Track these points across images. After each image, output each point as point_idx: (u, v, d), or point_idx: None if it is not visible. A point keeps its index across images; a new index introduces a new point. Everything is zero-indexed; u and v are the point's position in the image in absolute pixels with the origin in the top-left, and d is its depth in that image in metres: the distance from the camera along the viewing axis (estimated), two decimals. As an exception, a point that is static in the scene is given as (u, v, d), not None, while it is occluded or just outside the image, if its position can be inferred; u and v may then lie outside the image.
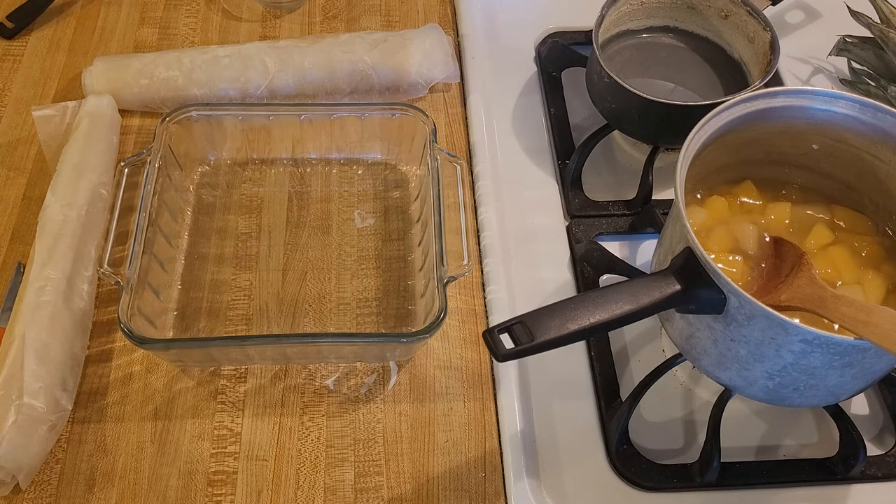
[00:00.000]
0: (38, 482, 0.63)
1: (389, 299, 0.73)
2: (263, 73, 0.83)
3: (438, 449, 0.66)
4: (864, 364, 0.56)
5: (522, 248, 0.76)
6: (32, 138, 0.82)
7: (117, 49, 0.90)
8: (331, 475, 0.65)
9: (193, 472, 0.64)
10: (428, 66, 0.86)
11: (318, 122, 0.78)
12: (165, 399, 0.68)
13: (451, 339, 0.71)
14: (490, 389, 0.69)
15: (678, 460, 0.65)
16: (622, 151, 0.85)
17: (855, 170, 0.66)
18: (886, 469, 0.65)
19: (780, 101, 0.64)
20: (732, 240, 0.64)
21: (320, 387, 0.69)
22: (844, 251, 0.64)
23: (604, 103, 0.79)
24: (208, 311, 0.72)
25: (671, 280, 0.56)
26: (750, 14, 0.79)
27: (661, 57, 0.84)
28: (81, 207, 0.72)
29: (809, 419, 0.68)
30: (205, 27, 0.93)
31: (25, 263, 0.71)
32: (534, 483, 0.64)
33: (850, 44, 0.86)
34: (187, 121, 0.76)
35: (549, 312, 0.54)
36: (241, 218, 0.77)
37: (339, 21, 0.94)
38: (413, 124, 0.77)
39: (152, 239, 0.70)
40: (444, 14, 0.95)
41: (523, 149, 0.83)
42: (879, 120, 0.63)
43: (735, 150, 0.66)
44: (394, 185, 0.80)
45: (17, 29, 0.91)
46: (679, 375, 0.70)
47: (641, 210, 0.77)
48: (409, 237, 0.77)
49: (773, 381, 0.58)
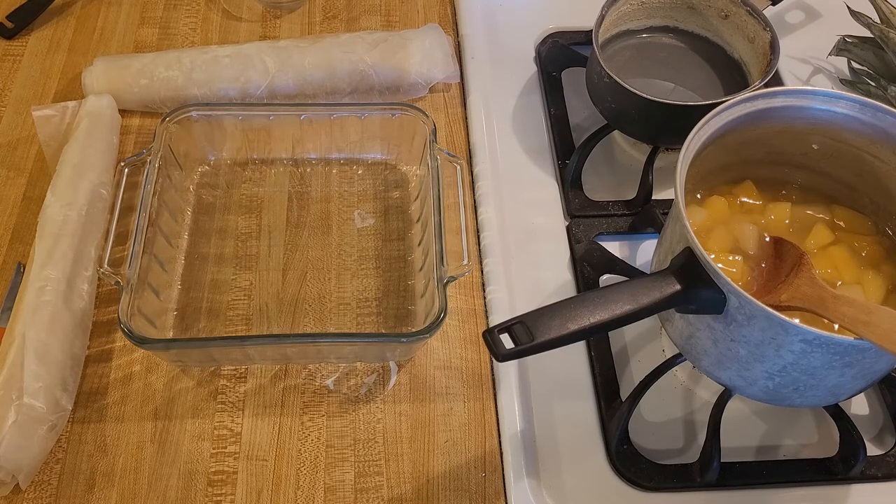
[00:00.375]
0: (38, 482, 0.63)
1: (389, 299, 0.73)
2: (263, 73, 0.83)
3: (438, 449, 0.66)
4: (864, 364, 0.56)
5: (522, 248, 0.76)
6: (32, 138, 0.82)
7: (117, 49, 0.90)
8: (331, 475, 0.65)
9: (193, 472, 0.64)
10: (428, 66, 0.86)
11: (318, 122, 0.78)
12: (165, 399, 0.68)
13: (451, 339, 0.71)
14: (490, 389, 0.69)
15: (678, 460, 0.65)
16: (622, 151, 0.85)
17: (855, 170, 0.66)
18: (886, 469, 0.65)
19: (780, 101, 0.64)
20: (732, 240, 0.64)
21: (320, 387, 0.69)
22: (844, 251, 0.64)
23: (604, 103, 0.79)
24: (208, 311, 0.72)
25: (671, 280, 0.56)
26: (750, 14, 0.79)
27: (661, 57, 0.84)
28: (81, 207, 0.72)
29: (809, 419, 0.68)
30: (205, 27, 0.93)
31: (25, 263, 0.71)
32: (534, 483, 0.64)
33: (850, 44, 0.86)
34: (187, 121, 0.76)
35: (549, 312, 0.54)
36: (241, 218, 0.77)
37: (339, 21, 0.94)
38: (413, 124, 0.77)
39: (152, 239, 0.70)
40: (444, 14, 0.95)
41: (523, 149, 0.83)
42: (879, 120, 0.63)
43: (735, 150, 0.66)
44: (394, 185, 0.80)
45: (17, 29, 0.91)
46: (679, 375, 0.70)
47: (641, 210, 0.77)
48: (409, 237, 0.77)
49: (773, 381, 0.58)
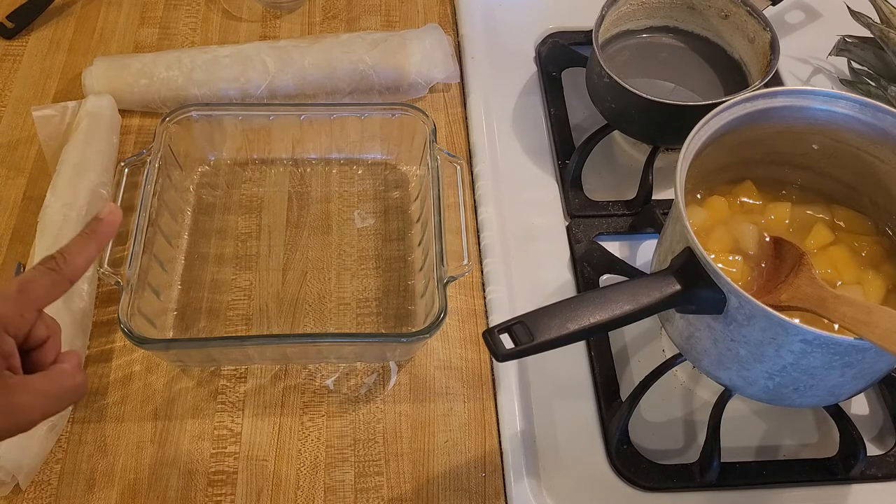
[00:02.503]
0: (38, 482, 0.63)
1: (389, 299, 0.73)
2: (263, 73, 0.83)
3: (438, 449, 0.66)
4: (864, 364, 0.56)
5: (522, 248, 0.76)
6: (32, 138, 0.82)
7: (117, 49, 0.90)
8: (331, 475, 0.65)
9: (193, 472, 0.64)
10: (428, 66, 0.86)
11: (318, 122, 0.78)
12: (165, 399, 0.68)
13: (451, 339, 0.71)
14: (490, 389, 0.69)
15: (678, 460, 0.65)
16: (622, 151, 0.85)
17: (855, 170, 0.66)
18: (886, 469, 0.65)
19: (780, 101, 0.64)
20: (732, 240, 0.64)
21: (320, 387, 0.69)
22: (844, 251, 0.64)
23: (604, 103, 0.79)
24: (208, 311, 0.72)
25: (671, 280, 0.56)
26: (750, 14, 0.79)
27: (661, 57, 0.84)
28: (81, 207, 0.72)
29: (809, 419, 0.68)
30: (205, 27, 0.93)
31: (25, 263, 0.71)
32: (534, 483, 0.64)
33: (850, 44, 0.86)
34: (187, 121, 0.76)
35: (549, 312, 0.54)
36: (241, 218, 0.77)
37: (339, 21, 0.94)
38: (413, 124, 0.77)
39: (152, 239, 0.70)
40: (444, 14, 0.95)
41: (523, 149, 0.83)
42: (879, 120, 0.63)
43: (735, 150, 0.66)
44: (394, 185, 0.80)
45: (17, 29, 0.91)
46: (679, 375, 0.70)
47: (641, 210, 0.77)
48: (409, 237, 0.77)
49: (773, 381, 0.58)
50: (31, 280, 0.48)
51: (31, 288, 0.48)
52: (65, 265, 0.49)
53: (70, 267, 0.49)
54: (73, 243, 0.50)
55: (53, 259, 0.49)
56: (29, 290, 0.48)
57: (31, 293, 0.48)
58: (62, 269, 0.49)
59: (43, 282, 0.48)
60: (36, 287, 0.48)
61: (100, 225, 0.51)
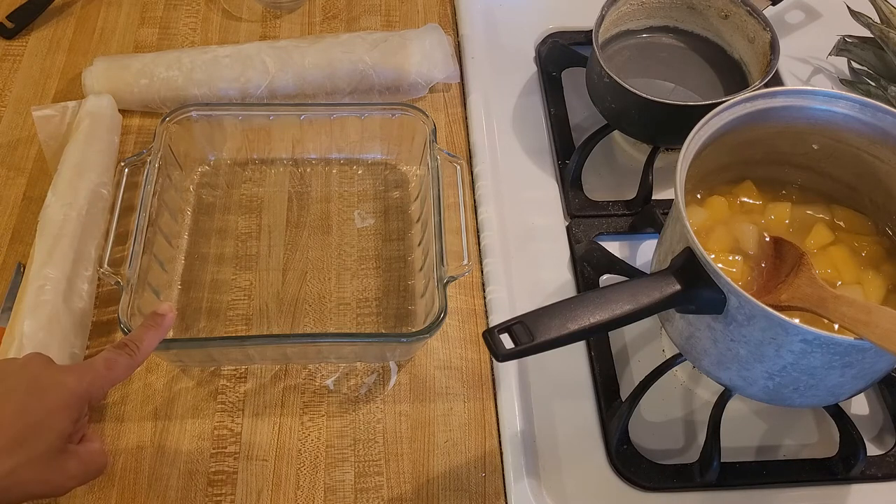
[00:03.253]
0: (38, 482, 0.63)
1: (389, 299, 0.73)
2: (263, 73, 0.83)
3: (438, 449, 0.66)
4: (864, 364, 0.56)
5: (522, 248, 0.76)
6: (32, 138, 0.82)
7: (117, 49, 0.90)
8: (331, 475, 0.65)
9: (193, 472, 0.64)
10: (428, 66, 0.86)
11: (318, 122, 0.78)
12: (165, 399, 0.68)
13: (451, 339, 0.71)
14: (490, 389, 0.69)
15: (678, 460, 0.65)
16: (622, 151, 0.85)
17: (855, 170, 0.66)
18: (886, 469, 0.65)
19: (780, 101, 0.64)
20: (732, 240, 0.64)
21: (320, 387, 0.69)
22: (844, 251, 0.64)
23: (604, 103, 0.79)
24: (208, 311, 0.72)
25: (671, 280, 0.56)
26: (750, 14, 0.79)
27: (661, 57, 0.84)
28: (82, 207, 0.72)
29: (809, 419, 0.68)
30: (205, 27, 0.93)
31: (25, 263, 0.71)
32: (534, 483, 0.64)
33: (850, 44, 0.86)
34: (187, 121, 0.76)
35: (549, 312, 0.54)
36: (241, 218, 0.77)
37: (339, 21, 0.94)
38: (413, 124, 0.77)
39: (152, 239, 0.70)
40: (444, 14, 0.95)
41: (523, 149, 0.83)
42: (879, 120, 0.63)
43: (735, 150, 0.66)
44: (394, 185, 0.80)
45: (17, 29, 0.91)
46: (679, 375, 0.70)
47: (641, 210, 0.77)
48: (409, 237, 0.77)
49: (773, 381, 0.58)
50: (115, 360, 0.55)
51: (116, 367, 0.55)
52: (137, 351, 0.57)
53: (141, 353, 0.57)
54: (138, 333, 0.58)
55: (127, 346, 0.56)
56: (114, 369, 0.55)
57: (115, 371, 0.55)
58: (136, 354, 0.57)
59: (123, 362, 0.56)
60: (118, 367, 0.55)
61: (162, 320, 0.59)
